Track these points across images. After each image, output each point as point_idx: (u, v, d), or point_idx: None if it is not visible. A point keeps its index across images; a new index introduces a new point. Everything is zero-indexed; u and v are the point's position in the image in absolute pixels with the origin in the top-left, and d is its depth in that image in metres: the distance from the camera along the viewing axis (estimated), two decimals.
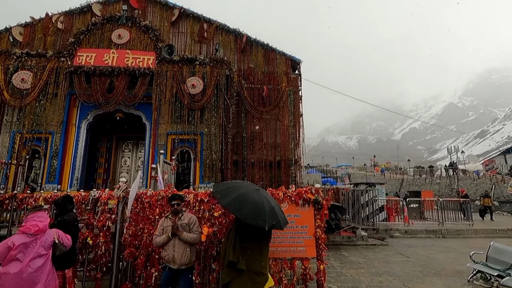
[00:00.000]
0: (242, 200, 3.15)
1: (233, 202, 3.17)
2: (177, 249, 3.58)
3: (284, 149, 10.05)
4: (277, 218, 3.11)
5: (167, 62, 9.08)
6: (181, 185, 8.53)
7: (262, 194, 3.36)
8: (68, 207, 3.91)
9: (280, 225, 3.16)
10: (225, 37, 10.71)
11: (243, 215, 3.03)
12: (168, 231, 3.66)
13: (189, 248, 3.67)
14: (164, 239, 3.63)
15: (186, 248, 3.63)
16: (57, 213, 3.91)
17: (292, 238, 4.62)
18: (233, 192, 3.33)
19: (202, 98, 8.85)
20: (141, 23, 9.40)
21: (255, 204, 3.09)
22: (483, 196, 17.47)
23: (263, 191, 3.51)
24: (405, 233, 12.08)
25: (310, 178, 37.08)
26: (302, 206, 4.73)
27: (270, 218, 3.04)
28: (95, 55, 8.97)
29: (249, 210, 3.02)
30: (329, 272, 6.26)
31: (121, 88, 8.72)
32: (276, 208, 3.23)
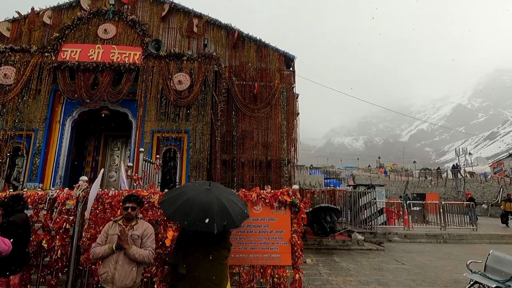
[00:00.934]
0: (188, 205, 2.76)
1: (178, 211, 2.80)
2: (120, 267, 2.84)
3: (276, 149, 9.66)
4: (229, 217, 2.68)
5: (153, 58, 8.78)
6: (167, 185, 8.21)
7: (214, 193, 2.93)
8: (16, 207, 3.59)
9: (234, 223, 2.74)
10: (216, 32, 10.38)
11: (189, 223, 2.68)
12: (113, 241, 2.93)
13: (136, 268, 2.94)
14: (106, 250, 2.90)
15: (133, 267, 2.90)
16: (3, 215, 3.60)
17: (266, 244, 4.23)
18: (180, 198, 2.95)
19: (189, 94, 8.53)
20: (128, 17, 9.13)
21: (202, 207, 2.71)
22: (504, 200, 15.77)
23: (217, 189, 3.09)
24: (404, 238, 11.56)
25: (312, 179, 36.65)
26: (278, 209, 4.34)
27: (221, 218, 2.64)
28: (80, 50, 8.72)
29: (196, 216, 2.66)
30: (314, 279, 5.87)
31: (106, 84, 8.45)
32: (229, 205, 2.81)
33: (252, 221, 4.28)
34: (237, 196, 3.33)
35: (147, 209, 4.19)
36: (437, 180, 32.96)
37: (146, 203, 4.20)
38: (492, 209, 23.10)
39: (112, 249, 2.90)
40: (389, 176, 45.61)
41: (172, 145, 8.72)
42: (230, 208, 2.79)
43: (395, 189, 40.35)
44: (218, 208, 2.74)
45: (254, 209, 4.31)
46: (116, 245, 2.91)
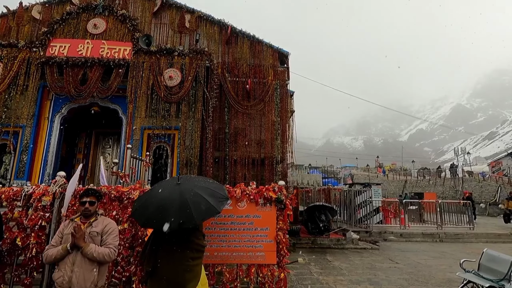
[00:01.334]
0: (148, 204, 2.62)
1: (139, 208, 2.67)
2: (78, 269, 2.55)
3: (269, 146, 9.50)
4: (188, 214, 2.43)
5: (144, 53, 8.62)
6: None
7: (180, 188, 2.72)
8: None
9: (192, 221, 2.46)
10: (209, 28, 10.21)
11: (144, 220, 2.58)
12: (69, 241, 2.63)
13: (97, 269, 2.65)
14: (59, 252, 2.60)
15: (93, 268, 2.62)
16: None
17: (250, 242, 4.07)
18: (146, 195, 2.85)
19: (180, 90, 8.37)
20: (118, 12, 8.97)
21: (160, 204, 2.53)
22: (507, 199, 15.19)
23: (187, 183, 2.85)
24: (400, 236, 11.42)
25: (310, 179, 36.58)
26: (263, 205, 4.18)
27: (178, 216, 2.40)
28: (69, 46, 8.56)
29: (152, 214, 2.51)
30: (304, 279, 5.73)
31: (94, 79, 8.28)
32: (194, 200, 2.49)
33: (236, 218, 4.14)
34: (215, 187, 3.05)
35: (126, 206, 4.04)
36: (435, 179, 32.86)
37: (125, 199, 4.05)
38: (490, 208, 23.00)
39: (67, 249, 2.61)
40: (387, 176, 45.51)
41: (163, 142, 8.56)
42: (193, 204, 2.55)
43: (394, 189, 40.31)
44: (178, 204, 2.51)
45: (238, 206, 4.16)
46: (70, 244, 2.62)
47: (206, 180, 3.27)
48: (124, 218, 3.99)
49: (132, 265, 3.89)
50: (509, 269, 4.76)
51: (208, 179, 3.47)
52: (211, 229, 4.05)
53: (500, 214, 21.09)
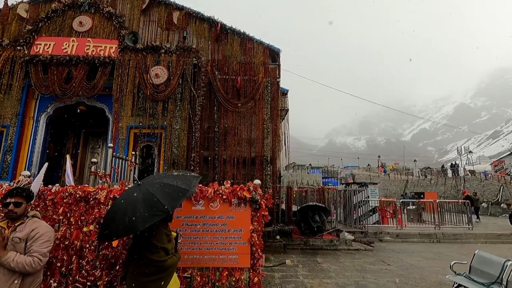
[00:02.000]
0: (114, 216, 2.66)
1: (105, 227, 2.72)
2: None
3: (260, 145, 9.28)
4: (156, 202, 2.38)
5: (130, 51, 8.46)
6: None
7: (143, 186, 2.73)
8: None
9: (163, 209, 2.33)
10: (198, 25, 10.02)
11: (114, 235, 2.67)
12: None
13: (19, 280, 2.27)
14: None
15: (14, 279, 2.25)
16: None
17: (223, 244, 3.87)
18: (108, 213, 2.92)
19: (166, 88, 8.19)
20: (104, 9, 8.81)
21: (125, 209, 2.54)
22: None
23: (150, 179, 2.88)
24: (396, 237, 11.15)
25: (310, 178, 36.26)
26: (237, 206, 3.98)
27: (145, 210, 2.42)
28: (54, 44, 8.41)
29: (120, 221, 2.53)
30: (289, 282, 5.51)
31: (80, 78, 8.12)
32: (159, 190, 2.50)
33: (208, 219, 3.93)
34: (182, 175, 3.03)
35: (93, 206, 3.85)
36: (437, 179, 32.43)
37: (91, 200, 3.86)
38: (492, 207, 22.59)
39: None
40: (389, 175, 45.05)
41: (150, 141, 8.38)
42: (159, 193, 2.47)
43: (395, 188, 39.92)
44: (142, 200, 2.50)
45: (211, 206, 3.95)
46: None
47: (171, 173, 3.34)
48: (90, 219, 3.80)
49: (97, 269, 3.70)
50: (501, 272, 4.51)
51: (176, 172, 3.44)
52: (181, 231, 3.85)
53: (502, 214, 20.71)
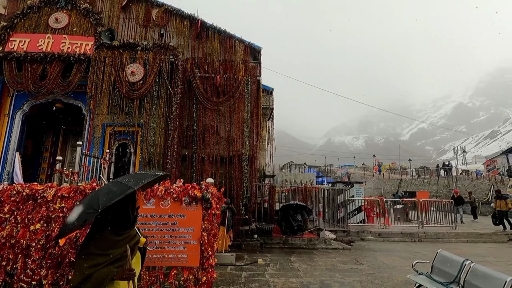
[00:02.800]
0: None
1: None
2: None
3: (238, 144, 9.23)
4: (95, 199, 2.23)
5: (106, 48, 8.39)
6: None
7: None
8: None
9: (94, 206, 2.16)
10: (179, 23, 9.94)
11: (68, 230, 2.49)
12: None
13: None
14: None
15: None
16: None
17: (173, 243, 3.83)
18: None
19: (142, 86, 8.14)
20: (81, 6, 8.74)
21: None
22: (496, 198, 12.57)
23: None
24: (378, 236, 11.14)
25: (304, 178, 36.27)
26: (188, 204, 3.94)
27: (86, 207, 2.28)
28: (29, 40, 8.33)
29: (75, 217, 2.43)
30: (254, 280, 5.48)
31: (54, 75, 8.06)
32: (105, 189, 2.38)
33: (158, 218, 3.90)
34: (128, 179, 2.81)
35: (41, 204, 3.81)
36: (430, 178, 32.49)
37: (39, 198, 3.82)
38: (482, 207, 22.62)
39: None
40: (383, 174, 45.09)
41: (127, 140, 8.33)
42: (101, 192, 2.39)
43: (389, 187, 39.92)
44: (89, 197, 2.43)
45: (161, 205, 3.91)
46: None
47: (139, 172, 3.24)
48: (37, 218, 3.76)
49: (43, 269, 3.65)
50: (459, 271, 4.50)
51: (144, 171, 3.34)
52: None
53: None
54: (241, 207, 8.88)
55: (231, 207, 8.21)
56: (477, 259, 8.06)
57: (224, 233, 7.92)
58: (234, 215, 8.35)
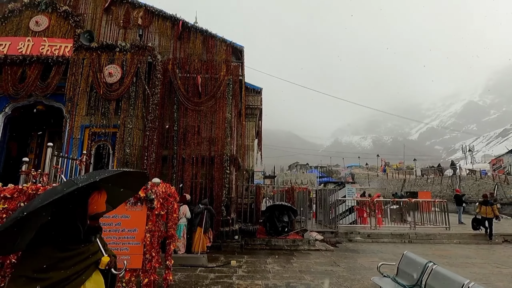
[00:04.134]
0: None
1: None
2: None
3: (220, 144, 9.15)
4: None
5: (85, 50, 8.44)
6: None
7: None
8: None
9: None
10: (161, 23, 9.93)
11: None
12: None
13: None
14: None
15: None
16: None
17: (116, 244, 3.76)
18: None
19: (120, 87, 8.14)
20: (61, 8, 8.81)
21: None
22: (480, 203, 10.98)
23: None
24: (367, 237, 10.90)
25: (305, 178, 36.00)
26: (133, 205, 3.87)
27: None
28: (9, 44, 8.44)
29: None
30: (219, 282, 5.39)
31: (33, 77, 8.14)
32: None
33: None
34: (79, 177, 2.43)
35: None
36: (433, 178, 31.82)
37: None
38: None
39: None
40: (387, 175, 44.40)
41: (104, 141, 8.34)
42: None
43: (393, 188, 39.28)
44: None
45: None
46: None
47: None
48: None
49: None
50: (422, 274, 4.31)
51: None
52: None
53: None
54: (222, 208, 8.78)
55: (209, 207, 8.14)
56: (462, 261, 7.83)
57: (201, 234, 7.86)
58: (213, 216, 8.27)
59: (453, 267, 7.09)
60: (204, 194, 8.79)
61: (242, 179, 12.35)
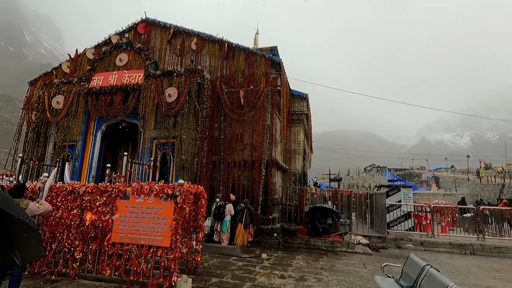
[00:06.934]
0: None
1: None
2: None
3: (260, 149, 10.10)
4: None
5: (152, 77, 10.55)
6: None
7: None
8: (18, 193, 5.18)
9: None
10: (211, 47, 11.54)
11: None
12: None
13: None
14: None
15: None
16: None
17: (153, 228, 5.12)
18: None
19: (176, 105, 9.94)
20: (136, 46, 11.21)
21: None
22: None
23: None
24: (420, 245, 10.28)
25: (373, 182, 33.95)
26: (165, 199, 5.17)
27: None
28: (103, 78, 11.21)
29: None
30: (242, 269, 6.32)
31: (118, 102, 10.64)
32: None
33: (145, 209, 5.25)
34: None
35: (76, 197, 5.63)
36: None
37: (76, 193, 5.65)
38: None
39: None
40: (480, 179, 37.82)
41: (167, 149, 10.26)
42: None
43: (488, 194, 33.47)
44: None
45: (147, 199, 5.26)
46: None
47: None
48: (74, 206, 5.60)
49: (77, 240, 5.43)
50: (418, 275, 4.42)
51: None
52: (128, 217, 5.28)
53: None
54: (261, 207, 9.71)
55: (248, 206, 9.20)
56: None
57: (242, 229, 8.96)
58: (252, 214, 9.29)
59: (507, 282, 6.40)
60: (247, 194, 9.88)
61: (289, 182, 13.05)
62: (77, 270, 5.38)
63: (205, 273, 5.89)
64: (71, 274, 5.31)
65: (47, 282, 5.12)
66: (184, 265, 5.78)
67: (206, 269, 6.25)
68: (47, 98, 11.58)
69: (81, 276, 5.35)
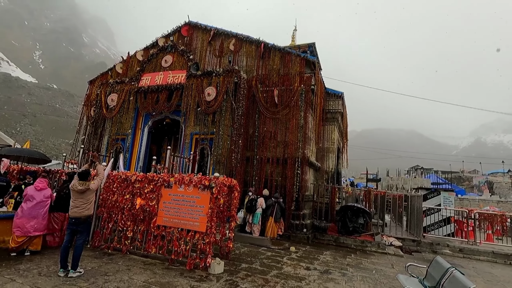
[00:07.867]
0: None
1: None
2: None
3: (293, 147, 10.40)
4: None
5: (193, 77, 11.37)
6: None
7: None
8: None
9: None
10: (248, 47, 12.03)
11: None
12: None
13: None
14: None
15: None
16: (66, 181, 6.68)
17: (191, 214, 5.78)
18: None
19: (214, 103, 10.64)
20: (179, 48, 12.13)
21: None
22: None
23: None
24: (458, 252, 9.85)
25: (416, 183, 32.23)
26: (202, 190, 5.80)
27: None
28: (150, 78, 12.33)
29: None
30: (270, 258, 6.78)
31: (163, 100, 11.67)
32: None
33: (185, 197, 5.94)
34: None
35: (128, 184, 6.51)
36: None
37: (128, 180, 6.54)
38: None
39: None
40: None
41: (205, 145, 11.04)
42: None
43: None
44: None
45: (187, 189, 5.94)
46: None
47: None
48: (127, 191, 6.49)
49: (128, 221, 6.31)
50: (441, 277, 4.47)
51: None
52: (170, 203, 6.02)
53: None
54: (292, 203, 10.05)
55: (279, 201, 9.62)
56: None
57: (272, 222, 9.42)
58: (283, 209, 9.69)
59: None
60: (279, 190, 10.28)
61: (321, 180, 13.17)
62: (128, 247, 6.26)
63: (236, 259, 6.45)
64: (124, 249, 6.21)
65: (104, 255, 6.06)
66: (218, 250, 6.39)
67: (237, 255, 6.81)
68: (103, 96, 13.07)
69: (131, 252, 6.22)
